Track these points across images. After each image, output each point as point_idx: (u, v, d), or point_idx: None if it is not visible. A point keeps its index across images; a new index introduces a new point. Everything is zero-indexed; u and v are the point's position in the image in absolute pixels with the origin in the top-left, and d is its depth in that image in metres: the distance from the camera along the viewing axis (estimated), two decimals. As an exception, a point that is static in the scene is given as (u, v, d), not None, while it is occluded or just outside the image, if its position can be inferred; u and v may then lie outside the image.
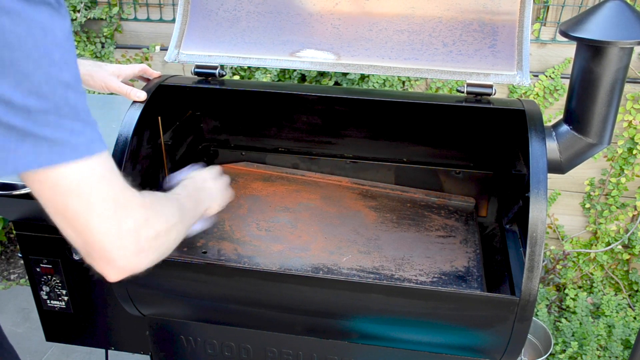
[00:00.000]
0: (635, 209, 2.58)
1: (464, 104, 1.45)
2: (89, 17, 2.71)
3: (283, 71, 2.66)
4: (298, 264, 1.48)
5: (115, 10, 2.72)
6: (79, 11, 2.69)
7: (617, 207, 2.57)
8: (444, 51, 1.46)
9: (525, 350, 2.37)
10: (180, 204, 1.06)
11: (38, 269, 1.63)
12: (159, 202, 0.96)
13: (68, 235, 0.84)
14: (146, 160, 1.52)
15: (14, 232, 1.66)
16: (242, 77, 2.71)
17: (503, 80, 1.43)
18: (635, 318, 2.51)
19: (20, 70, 0.70)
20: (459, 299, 1.26)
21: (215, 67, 1.58)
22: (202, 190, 1.24)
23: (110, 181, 0.83)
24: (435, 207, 1.74)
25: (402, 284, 1.37)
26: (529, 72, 1.42)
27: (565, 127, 1.39)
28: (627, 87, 2.38)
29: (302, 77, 2.65)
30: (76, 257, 1.56)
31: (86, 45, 2.82)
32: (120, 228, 0.83)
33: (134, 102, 1.43)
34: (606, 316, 2.50)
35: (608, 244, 2.62)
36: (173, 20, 2.71)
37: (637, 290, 2.66)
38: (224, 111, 1.80)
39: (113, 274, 0.87)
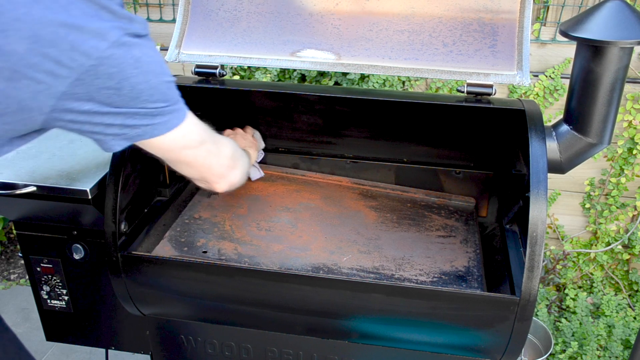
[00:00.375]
0: (635, 209, 2.58)
1: (464, 103, 1.46)
2: (89, 17, 2.72)
3: (283, 71, 2.66)
4: (298, 263, 1.48)
5: (116, 10, 2.72)
6: (79, 11, 2.70)
7: (617, 207, 2.57)
8: (444, 51, 1.46)
9: (526, 350, 2.37)
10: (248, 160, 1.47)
11: (38, 269, 1.63)
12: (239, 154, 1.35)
13: (187, 172, 1.23)
14: (147, 160, 1.52)
15: (14, 232, 1.66)
16: (242, 77, 2.71)
17: (503, 80, 1.43)
18: (635, 318, 2.51)
19: (151, 87, 1.01)
20: (459, 298, 1.26)
21: (215, 67, 1.58)
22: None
23: (204, 127, 1.18)
24: (435, 207, 1.74)
25: (403, 283, 1.37)
26: (529, 72, 1.42)
27: (565, 127, 1.39)
28: (627, 87, 2.38)
29: (302, 77, 2.65)
30: (77, 257, 1.56)
31: (86, 45, 2.80)
32: (224, 156, 1.25)
33: None
34: (606, 316, 2.50)
35: (608, 244, 2.62)
36: (173, 20, 2.71)
37: (637, 290, 2.66)
38: (224, 111, 1.80)
39: (224, 186, 1.27)
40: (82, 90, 0.93)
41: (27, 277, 3.14)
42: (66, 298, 1.65)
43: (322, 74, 2.56)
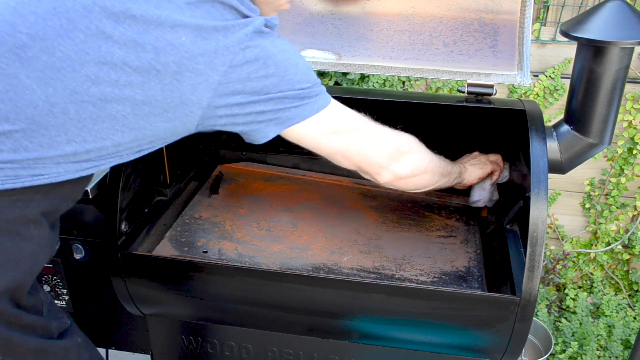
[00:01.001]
0: (635, 209, 2.58)
1: (464, 104, 1.46)
2: (89, 16, 2.71)
3: (283, 71, 2.65)
4: (298, 263, 1.48)
5: (116, 10, 2.72)
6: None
7: (617, 207, 2.57)
8: (445, 51, 1.46)
9: (526, 350, 2.37)
10: (445, 166, 1.42)
11: (38, 269, 1.63)
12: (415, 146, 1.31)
13: (344, 163, 1.23)
14: (147, 160, 1.52)
15: (15, 231, 1.66)
16: (242, 77, 2.71)
17: (504, 80, 1.43)
18: (635, 318, 2.51)
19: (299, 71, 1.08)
20: (460, 298, 1.26)
21: (215, 67, 1.58)
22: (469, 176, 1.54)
23: (355, 114, 1.21)
24: (435, 207, 1.74)
25: (403, 283, 1.37)
26: (529, 72, 1.42)
27: (565, 127, 1.39)
28: (627, 87, 2.38)
29: (303, 77, 2.64)
30: (77, 257, 1.56)
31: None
32: (384, 145, 1.22)
33: None
34: (606, 316, 2.50)
35: (608, 244, 2.62)
36: (173, 20, 2.70)
37: (637, 290, 2.66)
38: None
39: (387, 177, 1.24)
40: (235, 78, 1.00)
41: (27, 276, 3.13)
42: (66, 298, 1.65)
43: (322, 73, 2.56)
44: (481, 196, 1.62)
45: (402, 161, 1.25)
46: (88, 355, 1.18)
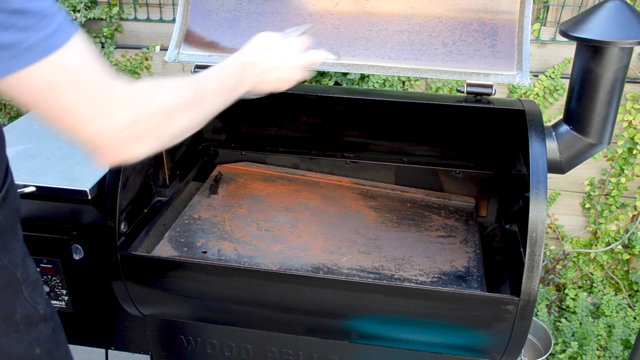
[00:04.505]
0: (635, 209, 2.58)
1: (464, 104, 1.46)
2: (88, 17, 2.71)
3: (283, 71, 2.65)
4: (298, 264, 1.48)
5: (115, 10, 2.72)
6: (79, 11, 2.69)
7: (617, 207, 2.57)
8: (444, 51, 1.46)
9: (525, 350, 2.37)
10: (201, 86, 1.01)
11: (38, 269, 1.63)
12: (159, 88, 0.90)
13: (58, 131, 0.83)
14: (146, 160, 1.52)
15: (14, 232, 1.66)
16: (242, 77, 2.71)
17: (503, 80, 1.43)
18: (635, 318, 2.51)
19: None
20: (459, 299, 1.26)
21: (215, 67, 1.58)
22: (257, 65, 1.15)
23: (87, 76, 0.79)
24: (435, 207, 1.74)
25: (402, 284, 1.37)
26: (529, 72, 1.42)
27: (565, 127, 1.39)
28: (627, 87, 2.38)
29: (302, 77, 2.64)
30: (76, 257, 1.56)
31: (86, 45, 2.80)
32: (105, 127, 0.81)
33: None
34: (606, 316, 2.50)
35: (608, 244, 2.62)
36: (173, 20, 2.70)
37: (637, 290, 2.66)
38: (224, 111, 1.80)
39: (105, 162, 0.86)
40: None
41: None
42: (66, 298, 1.65)
43: (321, 74, 2.56)
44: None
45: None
46: None
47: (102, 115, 0.81)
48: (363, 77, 2.55)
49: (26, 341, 1.03)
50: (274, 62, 1.18)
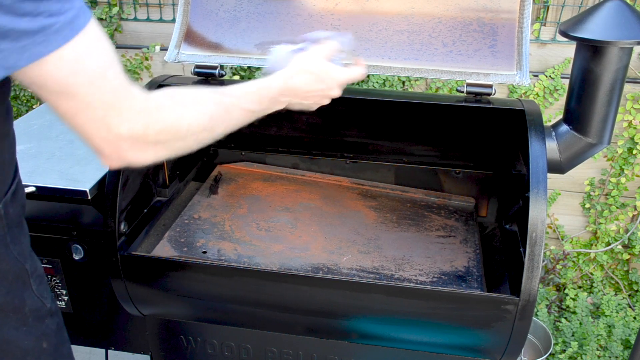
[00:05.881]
0: (635, 209, 2.58)
1: (463, 103, 1.46)
2: (89, 17, 2.72)
3: (283, 71, 2.65)
4: (298, 264, 1.48)
5: (115, 10, 2.72)
6: (79, 11, 2.70)
7: (617, 207, 2.57)
8: (444, 51, 1.46)
9: (525, 350, 2.37)
10: (228, 108, 1.01)
11: (38, 269, 1.63)
12: (180, 104, 0.90)
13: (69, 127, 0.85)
14: (146, 160, 1.52)
15: (14, 232, 1.66)
16: (242, 77, 2.71)
17: (503, 80, 1.43)
18: (635, 318, 2.51)
19: None
20: (459, 298, 1.26)
21: (215, 67, 1.58)
22: (300, 94, 1.14)
23: (103, 77, 0.79)
24: (435, 207, 1.74)
25: (402, 284, 1.37)
26: (528, 72, 1.42)
27: (565, 127, 1.39)
28: (627, 87, 2.38)
29: (302, 77, 2.64)
30: (76, 257, 1.56)
31: (86, 46, 2.79)
32: (111, 133, 0.81)
33: None
34: (606, 316, 2.50)
35: (608, 244, 2.62)
36: (173, 20, 2.70)
37: (637, 290, 2.66)
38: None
39: (110, 165, 0.88)
40: None
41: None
42: (66, 298, 1.65)
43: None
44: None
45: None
46: None
47: (113, 117, 0.81)
48: (363, 77, 2.55)
49: (34, 334, 1.04)
50: (317, 93, 1.16)
